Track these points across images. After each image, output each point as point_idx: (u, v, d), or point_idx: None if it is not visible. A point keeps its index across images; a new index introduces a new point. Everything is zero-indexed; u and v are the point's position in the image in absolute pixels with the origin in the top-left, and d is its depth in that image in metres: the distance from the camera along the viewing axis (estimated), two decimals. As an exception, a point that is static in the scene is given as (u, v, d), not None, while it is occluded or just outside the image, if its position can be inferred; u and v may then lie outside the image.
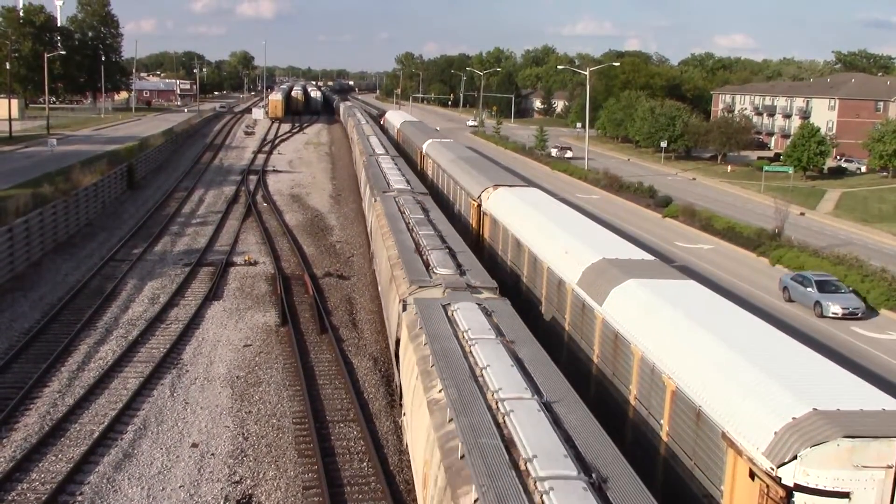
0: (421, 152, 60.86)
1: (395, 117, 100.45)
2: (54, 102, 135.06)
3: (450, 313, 17.73)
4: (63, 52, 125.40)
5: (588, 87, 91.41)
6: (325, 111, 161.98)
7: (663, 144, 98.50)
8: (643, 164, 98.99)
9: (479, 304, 18.29)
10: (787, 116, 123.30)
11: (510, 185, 36.25)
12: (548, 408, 12.74)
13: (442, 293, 19.32)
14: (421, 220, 29.08)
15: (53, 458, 18.99)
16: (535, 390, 13.44)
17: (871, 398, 13.51)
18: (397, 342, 19.70)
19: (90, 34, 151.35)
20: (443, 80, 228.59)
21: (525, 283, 27.66)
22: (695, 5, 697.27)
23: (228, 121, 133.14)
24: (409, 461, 17.64)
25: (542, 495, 10.17)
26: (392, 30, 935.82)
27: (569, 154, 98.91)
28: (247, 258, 38.62)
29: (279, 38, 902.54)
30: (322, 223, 48.98)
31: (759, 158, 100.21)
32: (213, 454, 19.55)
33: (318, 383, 24.00)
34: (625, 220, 55.39)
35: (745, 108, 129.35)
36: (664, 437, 16.26)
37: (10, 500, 17.15)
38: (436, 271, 21.40)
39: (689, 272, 33.15)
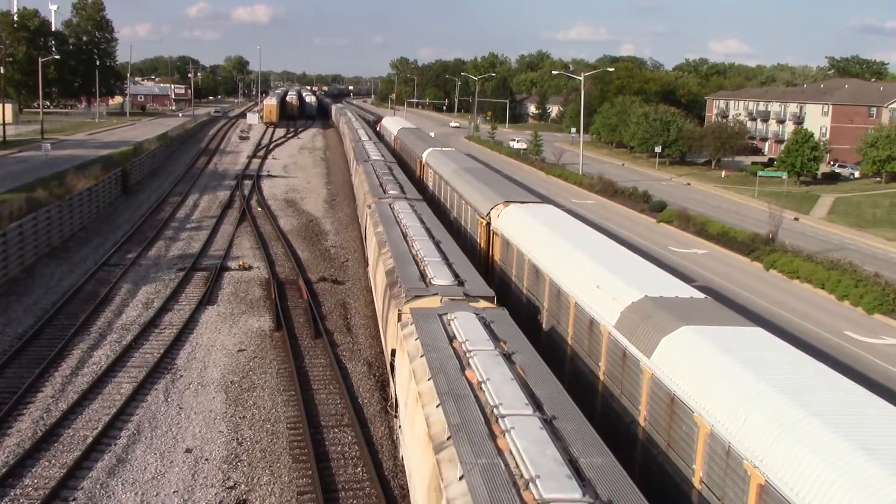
0: (420, 161, 57.06)
1: (392, 124, 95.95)
2: (48, 107, 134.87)
3: (446, 323, 17.24)
4: (58, 57, 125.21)
5: (583, 92, 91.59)
6: (320, 116, 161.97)
7: (658, 149, 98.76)
8: (638, 169, 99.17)
9: (476, 314, 17.64)
10: (781, 122, 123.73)
11: (523, 202, 32.59)
12: (549, 424, 12.35)
13: (439, 302, 18.88)
14: (417, 228, 28.09)
15: (47, 463, 18.92)
16: (536, 406, 12.96)
17: None
18: (393, 353, 19.27)
19: (85, 39, 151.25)
20: (437, 85, 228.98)
21: (546, 317, 24.30)
22: (689, 11, 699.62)
23: (223, 125, 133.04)
24: (403, 467, 17.62)
25: None
26: (387, 35, 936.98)
27: (522, 146, 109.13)
28: (241, 263, 38.57)
29: (274, 43, 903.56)
30: (317, 228, 48.95)
31: (754, 164, 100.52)
32: (207, 459, 19.50)
33: (312, 388, 23.96)
34: (619, 224, 55.47)
35: (740, 114, 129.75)
36: None
37: (2, 505, 17.10)
38: (433, 282, 20.73)
39: (744, 311, 29.75)
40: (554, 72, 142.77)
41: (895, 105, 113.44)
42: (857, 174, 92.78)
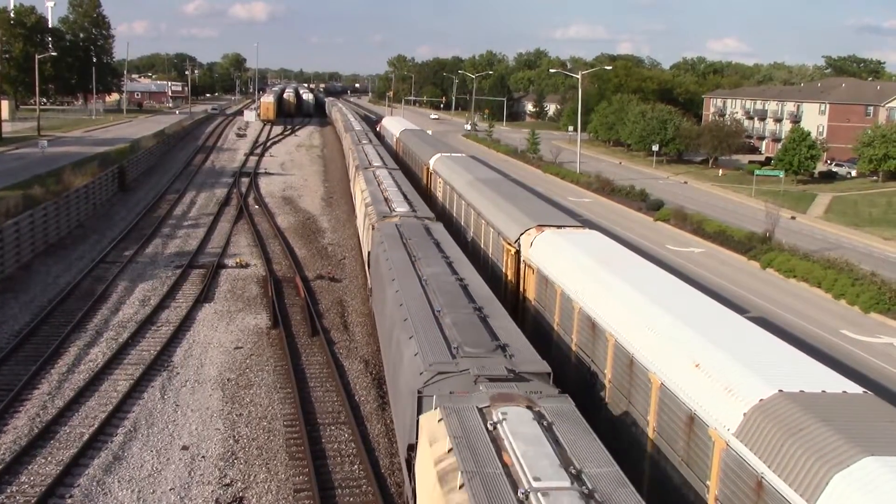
0: (427, 169, 50.49)
1: (394, 125, 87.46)
2: (45, 104, 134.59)
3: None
4: (54, 54, 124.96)
5: (580, 90, 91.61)
6: (318, 114, 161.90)
7: (655, 148, 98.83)
8: (635, 167, 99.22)
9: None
10: (778, 120, 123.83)
11: (560, 226, 26.42)
12: None
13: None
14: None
15: (43, 460, 18.90)
16: None
17: None
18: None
19: (81, 35, 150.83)
20: (435, 83, 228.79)
21: (610, 393, 17.98)
22: (687, 9, 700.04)
23: (220, 123, 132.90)
24: (399, 463, 17.61)
25: None
26: (385, 32, 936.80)
27: (480, 128, 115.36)
28: (238, 260, 38.55)
29: (271, 41, 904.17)
30: (314, 225, 48.94)
31: (751, 162, 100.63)
32: (203, 457, 19.50)
33: (309, 386, 23.96)
34: (617, 223, 55.52)
35: (737, 112, 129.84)
36: None
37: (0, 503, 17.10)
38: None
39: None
40: (551, 70, 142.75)
41: (892, 104, 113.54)
42: (853, 173, 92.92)
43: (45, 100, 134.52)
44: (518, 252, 26.02)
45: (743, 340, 15.55)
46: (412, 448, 13.92)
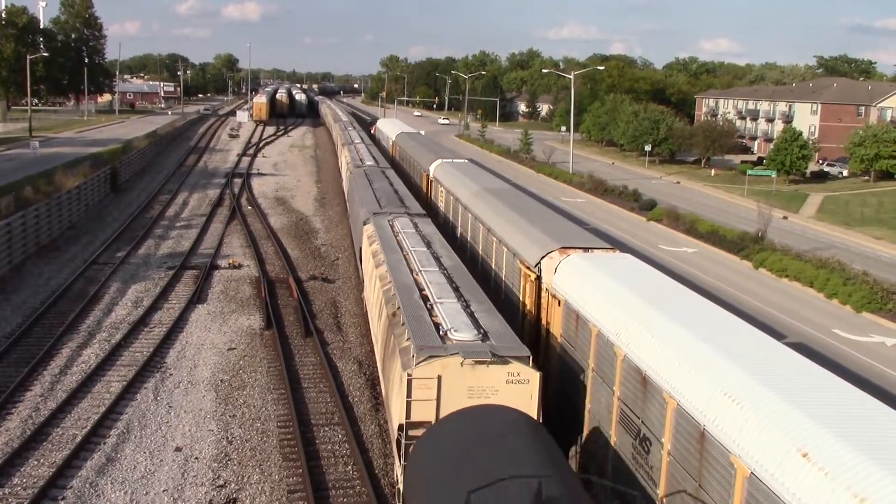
0: (427, 176, 45.62)
1: (389, 127, 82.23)
2: (37, 105, 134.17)
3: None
4: (46, 54, 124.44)
5: (573, 90, 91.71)
6: (310, 114, 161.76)
7: (647, 148, 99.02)
8: (627, 167, 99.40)
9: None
10: (770, 120, 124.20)
11: (587, 248, 22.61)
12: None
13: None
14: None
15: (35, 462, 18.84)
16: None
17: None
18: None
19: (73, 36, 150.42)
20: (427, 84, 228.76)
21: (668, 466, 14.28)
22: (680, 10, 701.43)
23: (213, 123, 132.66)
24: (392, 464, 17.60)
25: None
26: (377, 33, 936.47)
27: (444, 121, 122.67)
28: (231, 261, 38.49)
29: (264, 41, 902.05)
30: (307, 226, 48.89)
31: (743, 162, 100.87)
32: (196, 458, 19.46)
33: (302, 387, 23.94)
34: (609, 223, 55.61)
35: (729, 112, 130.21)
36: None
37: (-9, 505, 17.03)
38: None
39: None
40: (544, 70, 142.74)
41: (883, 104, 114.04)
42: (845, 173, 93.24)
43: (36, 100, 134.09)
44: (539, 278, 22.25)
45: (863, 417, 11.87)
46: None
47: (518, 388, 15.18)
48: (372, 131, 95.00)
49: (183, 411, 22.02)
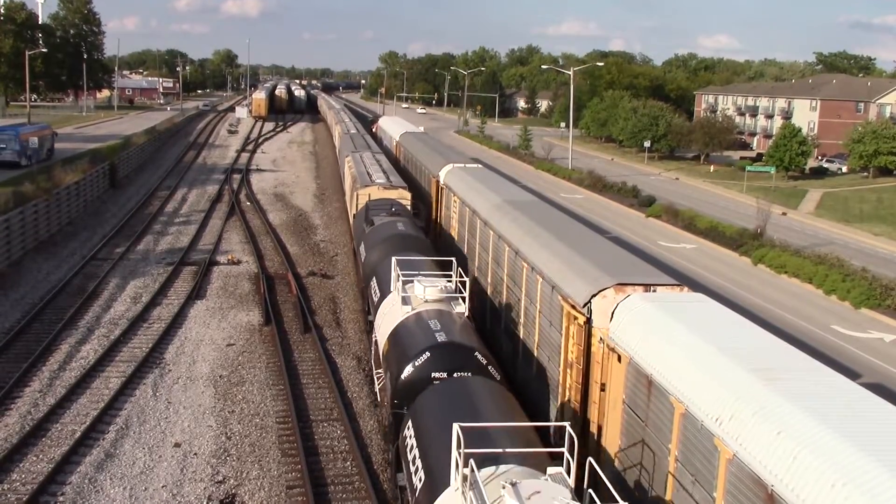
0: (437, 182, 39.23)
1: (392, 126, 75.32)
2: (35, 100, 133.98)
3: None
4: (44, 50, 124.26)
5: (572, 86, 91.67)
6: (309, 110, 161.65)
7: (647, 144, 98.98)
8: (627, 163, 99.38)
9: None
10: (769, 117, 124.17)
11: (648, 286, 17.32)
12: None
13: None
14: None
15: (34, 458, 18.85)
16: None
17: None
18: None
19: (72, 32, 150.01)
20: (427, 80, 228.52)
21: None
22: (679, 6, 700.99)
23: (211, 119, 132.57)
24: (393, 461, 17.61)
25: None
26: (377, 29, 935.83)
27: (422, 111, 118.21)
28: (230, 257, 38.48)
29: (263, 37, 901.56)
30: (306, 222, 48.88)
31: (742, 158, 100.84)
32: (195, 454, 19.47)
33: (301, 382, 23.95)
34: (608, 219, 55.61)
35: (728, 109, 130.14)
36: None
37: (-10, 500, 17.04)
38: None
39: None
40: (543, 66, 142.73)
41: (882, 100, 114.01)
42: (844, 169, 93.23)
43: (35, 96, 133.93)
44: (588, 322, 17.08)
45: None
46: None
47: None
48: (373, 129, 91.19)
49: (182, 407, 22.03)
